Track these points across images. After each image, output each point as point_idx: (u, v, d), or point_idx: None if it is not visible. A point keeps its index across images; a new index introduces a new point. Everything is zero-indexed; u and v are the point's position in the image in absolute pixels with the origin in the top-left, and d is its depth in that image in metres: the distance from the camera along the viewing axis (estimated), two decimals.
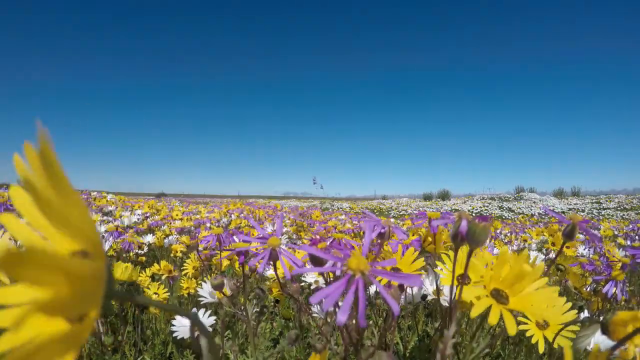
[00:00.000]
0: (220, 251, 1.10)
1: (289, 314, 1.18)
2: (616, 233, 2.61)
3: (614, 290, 0.88)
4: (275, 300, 1.15)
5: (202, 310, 0.92)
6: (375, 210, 12.65)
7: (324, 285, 0.56)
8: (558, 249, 0.67)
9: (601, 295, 0.93)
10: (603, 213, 10.82)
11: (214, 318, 0.91)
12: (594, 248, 1.66)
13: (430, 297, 0.81)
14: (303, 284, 1.11)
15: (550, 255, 1.63)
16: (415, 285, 0.30)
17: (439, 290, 0.67)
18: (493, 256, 0.46)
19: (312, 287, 1.09)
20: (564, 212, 8.98)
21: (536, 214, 10.93)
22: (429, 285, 0.82)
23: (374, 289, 1.02)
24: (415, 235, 0.70)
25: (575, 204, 12.20)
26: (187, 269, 1.29)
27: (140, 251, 1.87)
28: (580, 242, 1.74)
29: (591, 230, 0.49)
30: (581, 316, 0.95)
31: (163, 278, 1.39)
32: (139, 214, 3.12)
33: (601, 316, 0.39)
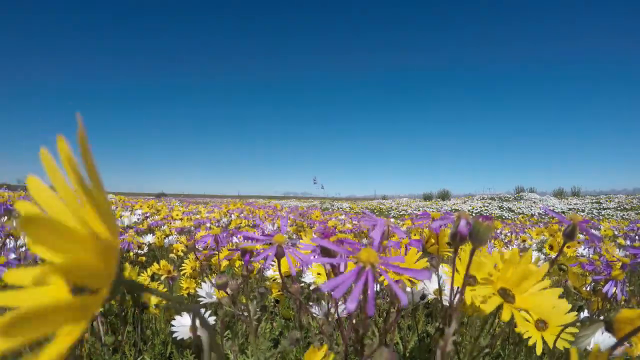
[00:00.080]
0: (218, 251, 1.10)
1: (289, 314, 1.18)
2: (616, 233, 2.61)
3: (614, 290, 0.88)
4: (275, 300, 1.15)
5: (202, 311, 0.92)
6: (375, 210, 12.66)
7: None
8: (558, 249, 0.67)
9: (601, 295, 0.93)
10: (603, 213, 10.82)
11: (214, 318, 0.91)
12: (594, 248, 1.66)
13: (430, 297, 0.81)
14: (302, 284, 1.11)
15: (550, 256, 1.63)
16: (425, 278, 0.30)
17: (440, 290, 0.67)
18: (501, 256, 0.46)
19: (312, 288, 1.09)
20: (564, 212, 8.98)
21: (536, 214, 10.93)
22: (429, 285, 0.82)
23: (375, 289, 1.02)
24: (417, 236, 0.70)
25: (575, 204, 12.20)
26: (186, 269, 1.29)
27: (140, 251, 1.88)
28: (580, 242, 1.74)
29: (591, 230, 0.49)
30: (581, 316, 0.95)
31: (162, 278, 1.39)
32: (139, 214, 3.12)
33: (601, 316, 0.39)
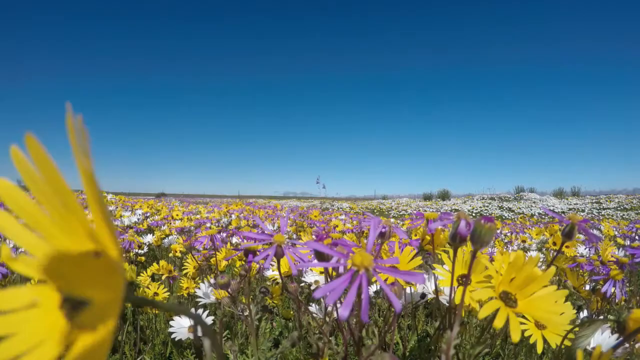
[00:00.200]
0: (217, 252, 1.10)
1: (289, 314, 1.18)
2: (616, 233, 2.61)
3: (613, 289, 0.88)
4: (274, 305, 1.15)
5: (201, 311, 0.92)
6: (375, 210, 12.65)
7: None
8: (557, 248, 0.67)
9: (600, 295, 0.93)
10: (603, 213, 10.81)
11: (212, 318, 0.91)
12: (594, 248, 1.66)
13: (430, 297, 0.81)
14: (303, 284, 1.11)
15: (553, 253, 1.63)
16: (418, 282, 0.30)
17: (437, 290, 0.67)
18: (505, 258, 0.45)
19: (312, 288, 1.09)
20: (563, 212, 8.98)
21: (536, 214, 10.93)
22: (429, 285, 0.82)
23: (374, 289, 1.01)
24: (417, 236, 0.70)
25: (575, 204, 12.19)
26: (188, 269, 1.30)
27: (140, 251, 1.88)
28: (580, 242, 1.74)
29: (590, 230, 0.49)
30: (581, 316, 0.95)
31: (163, 278, 1.39)
32: (139, 214, 3.12)
33: (600, 316, 0.39)
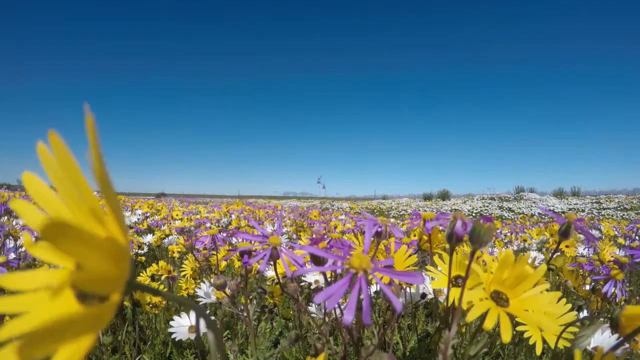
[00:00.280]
0: (216, 252, 1.10)
1: (288, 314, 1.18)
2: (616, 233, 2.61)
3: (613, 289, 0.88)
4: (274, 304, 1.15)
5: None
6: (375, 211, 12.65)
7: (324, 285, 0.56)
8: (554, 248, 0.68)
9: (600, 295, 0.93)
10: (603, 213, 10.81)
11: (212, 318, 0.91)
12: (593, 248, 1.65)
13: (429, 296, 0.81)
14: (303, 283, 1.11)
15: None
16: (416, 282, 0.30)
17: (437, 290, 0.67)
18: (494, 257, 0.45)
19: (312, 287, 1.09)
20: (563, 212, 8.95)
21: (536, 214, 10.92)
22: (429, 284, 0.82)
23: (374, 289, 1.01)
24: (416, 236, 0.70)
25: (575, 204, 12.19)
26: (186, 269, 1.30)
27: (140, 251, 1.88)
28: (580, 242, 1.74)
29: (587, 229, 0.49)
30: (580, 316, 0.95)
31: (162, 278, 1.39)
32: (139, 214, 3.12)
33: (601, 316, 0.39)
